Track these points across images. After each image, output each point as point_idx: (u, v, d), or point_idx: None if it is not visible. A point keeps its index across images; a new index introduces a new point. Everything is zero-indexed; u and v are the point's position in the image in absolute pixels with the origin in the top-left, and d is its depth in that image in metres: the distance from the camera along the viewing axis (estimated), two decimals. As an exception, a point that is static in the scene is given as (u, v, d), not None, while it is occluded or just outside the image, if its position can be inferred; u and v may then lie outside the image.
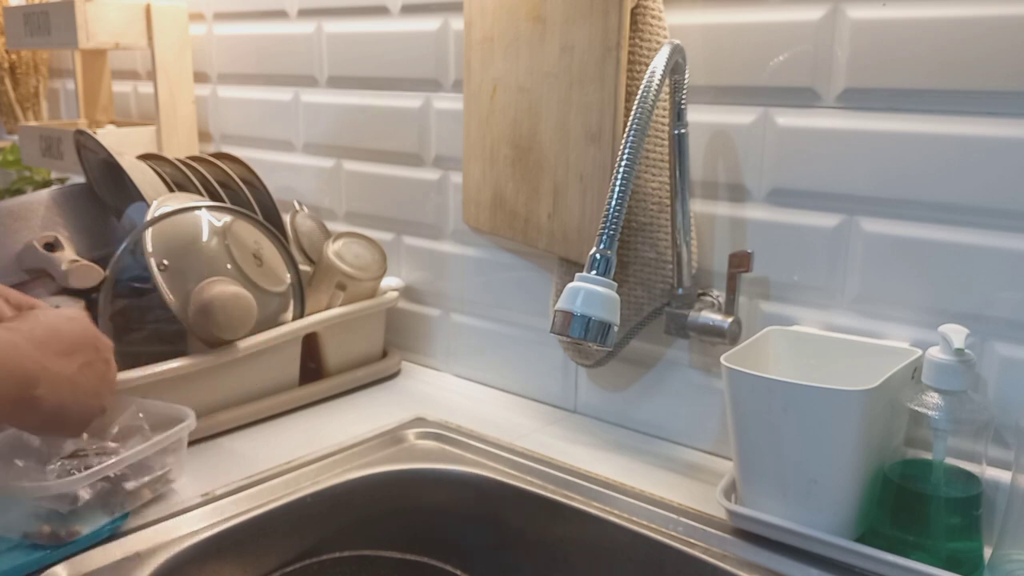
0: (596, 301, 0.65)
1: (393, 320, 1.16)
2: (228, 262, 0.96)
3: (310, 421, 0.99)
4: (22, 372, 0.67)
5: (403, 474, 0.86)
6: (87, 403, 0.74)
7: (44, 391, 0.68)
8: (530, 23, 0.90)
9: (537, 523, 0.82)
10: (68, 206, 1.11)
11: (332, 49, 1.18)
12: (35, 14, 1.30)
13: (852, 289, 0.80)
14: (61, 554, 0.70)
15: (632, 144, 0.68)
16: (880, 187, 0.77)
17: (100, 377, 0.75)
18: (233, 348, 0.94)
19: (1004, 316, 0.72)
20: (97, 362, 0.76)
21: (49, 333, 0.71)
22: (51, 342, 0.71)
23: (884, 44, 0.75)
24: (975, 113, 0.71)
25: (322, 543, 0.82)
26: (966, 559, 0.68)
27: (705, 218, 0.87)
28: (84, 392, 0.73)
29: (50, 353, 0.70)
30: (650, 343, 0.93)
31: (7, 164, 1.60)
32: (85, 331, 0.76)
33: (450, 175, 1.09)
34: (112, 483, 0.75)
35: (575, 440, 0.94)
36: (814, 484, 0.70)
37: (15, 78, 1.62)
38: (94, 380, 0.74)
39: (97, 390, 0.75)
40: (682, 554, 0.73)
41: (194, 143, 1.36)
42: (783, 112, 0.81)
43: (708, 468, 0.87)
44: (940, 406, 0.68)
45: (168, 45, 1.31)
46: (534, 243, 0.94)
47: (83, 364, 0.73)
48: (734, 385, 0.73)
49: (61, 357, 0.71)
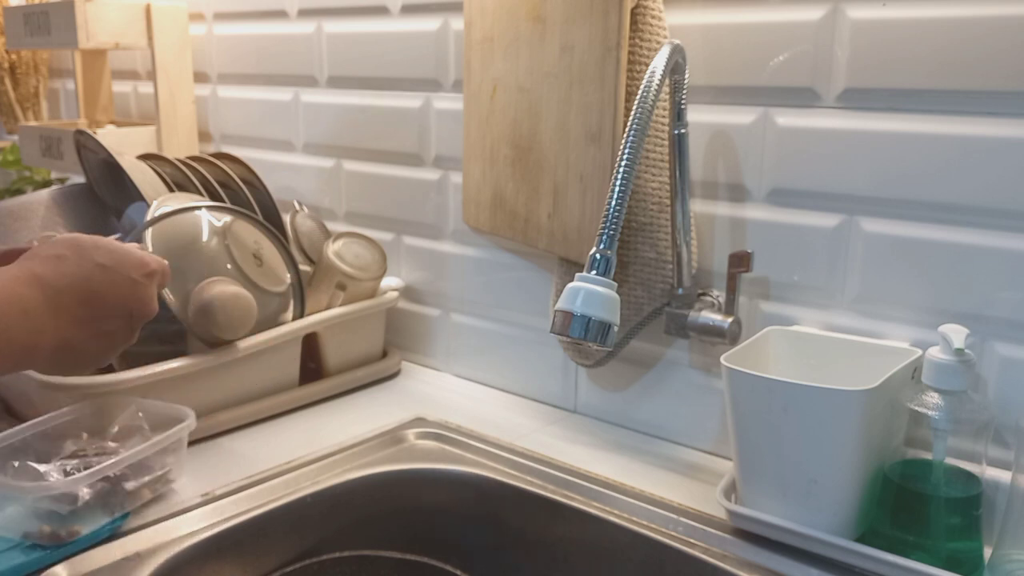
0: (596, 301, 0.65)
1: (393, 320, 1.16)
2: (228, 262, 0.96)
3: (310, 421, 0.99)
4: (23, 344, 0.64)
5: (403, 474, 0.86)
6: (81, 364, 0.71)
7: (43, 357, 0.66)
8: (530, 23, 0.90)
9: (537, 523, 0.82)
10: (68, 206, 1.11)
11: (332, 49, 1.18)
12: (35, 14, 1.30)
13: (852, 289, 0.80)
14: (61, 554, 0.70)
15: (632, 144, 0.68)
16: (880, 187, 0.77)
17: (111, 344, 0.71)
18: (233, 348, 0.94)
19: (1004, 316, 0.72)
20: (122, 330, 0.71)
21: (83, 296, 0.67)
22: (77, 307, 0.67)
23: (884, 44, 0.75)
24: (975, 113, 0.71)
25: (322, 543, 0.82)
26: (966, 559, 0.68)
27: (705, 218, 0.87)
28: (82, 355, 0.70)
29: (69, 318, 0.66)
30: (650, 343, 0.93)
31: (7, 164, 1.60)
32: (129, 299, 0.71)
33: (450, 175, 1.09)
34: (112, 483, 0.75)
35: (575, 440, 0.94)
36: (814, 484, 0.70)
37: (15, 78, 1.62)
38: (103, 345, 0.71)
39: (101, 354, 0.71)
40: (682, 554, 0.73)
41: (194, 143, 1.36)
42: (783, 112, 0.81)
43: (708, 468, 0.87)
44: (940, 406, 0.68)
45: (168, 45, 1.31)
46: (534, 243, 0.94)
47: (103, 332, 0.70)
48: (734, 385, 0.73)
49: (81, 323, 0.67)
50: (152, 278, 0.73)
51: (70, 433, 0.81)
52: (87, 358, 0.71)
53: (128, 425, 0.82)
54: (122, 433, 0.82)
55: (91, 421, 0.83)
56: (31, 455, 0.77)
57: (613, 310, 0.66)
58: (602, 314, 0.65)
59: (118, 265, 0.70)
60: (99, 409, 0.84)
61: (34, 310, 0.65)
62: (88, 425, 0.83)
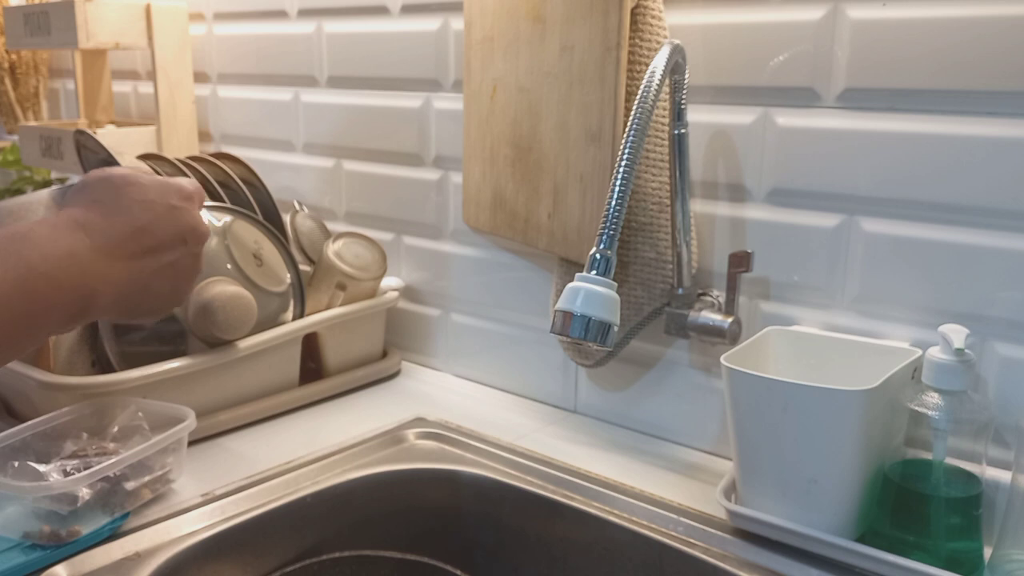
0: (596, 301, 0.65)
1: (393, 320, 1.16)
2: (228, 262, 0.96)
3: (310, 421, 0.99)
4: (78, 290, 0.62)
5: (403, 474, 0.86)
6: (158, 305, 0.70)
7: (106, 302, 0.64)
8: (530, 23, 0.90)
9: (537, 523, 0.82)
10: (68, 206, 1.10)
11: (332, 49, 1.18)
12: (35, 14, 1.30)
13: (852, 289, 0.80)
14: (61, 554, 0.70)
15: (632, 144, 0.68)
16: (880, 187, 0.77)
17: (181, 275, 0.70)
18: (233, 348, 0.94)
19: (1004, 316, 0.72)
20: (184, 258, 0.70)
21: (130, 232, 0.65)
22: (127, 243, 0.65)
23: (884, 44, 0.75)
24: (975, 113, 0.71)
25: (322, 543, 0.82)
26: (966, 559, 0.68)
27: (705, 218, 0.87)
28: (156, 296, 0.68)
29: (123, 257, 0.64)
30: (650, 343, 0.93)
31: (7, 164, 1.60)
32: (178, 226, 0.69)
33: (450, 175, 1.09)
34: (112, 483, 0.75)
35: (575, 440, 0.94)
36: (814, 484, 0.70)
37: (15, 78, 1.62)
38: (172, 280, 0.69)
39: (175, 289, 0.70)
40: (682, 554, 0.73)
41: (194, 143, 1.36)
42: (783, 112, 0.81)
43: (708, 468, 0.87)
44: (940, 406, 0.68)
45: (168, 45, 1.31)
46: (534, 243, 0.94)
47: (165, 265, 0.68)
48: (734, 385, 0.73)
49: (136, 259, 0.65)
50: (192, 201, 0.71)
51: (70, 433, 0.81)
52: (160, 297, 0.69)
53: (128, 425, 0.82)
54: (122, 433, 0.82)
55: (91, 421, 0.83)
56: (31, 455, 0.77)
57: (613, 310, 0.66)
58: (602, 314, 0.65)
59: (156, 196, 0.68)
60: (99, 409, 0.84)
61: (82, 252, 0.62)
62: (88, 425, 0.83)
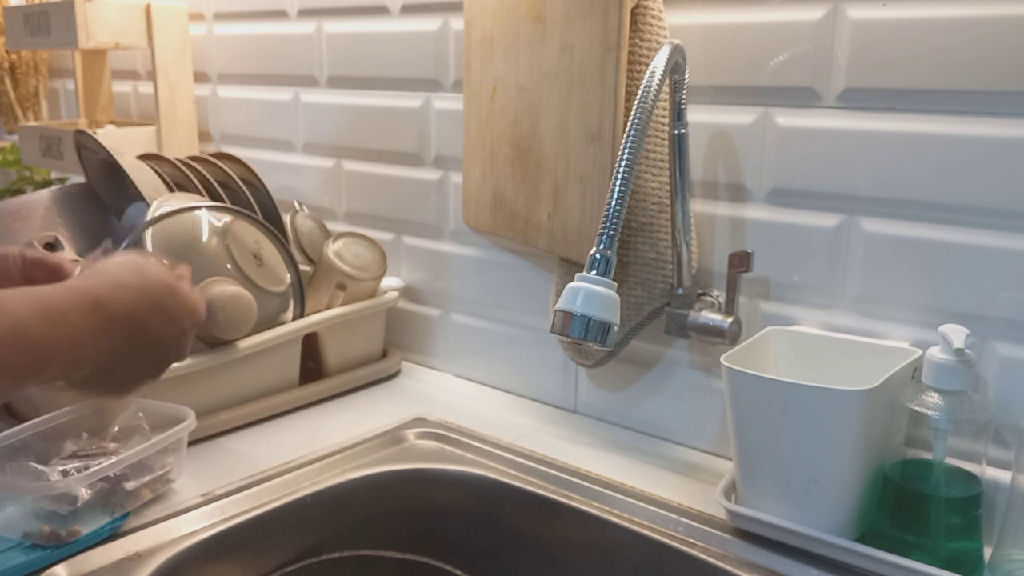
0: (596, 301, 0.65)
1: (393, 320, 1.16)
2: (228, 262, 0.96)
3: (310, 421, 0.99)
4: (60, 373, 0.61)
5: (403, 474, 0.86)
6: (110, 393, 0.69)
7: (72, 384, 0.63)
8: (530, 23, 0.90)
9: (537, 523, 0.82)
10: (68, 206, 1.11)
11: (332, 49, 1.18)
12: (35, 14, 1.30)
13: (852, 289, 0.80)
14: (61, 554, 0.70)
15: (632, 144, 0.68)
16: (880, 187, 0.77)
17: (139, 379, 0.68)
18: (233, 348, 0.94)
19: (1004, 316, 0.72)
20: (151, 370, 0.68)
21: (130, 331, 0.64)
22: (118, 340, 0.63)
23: (884, 44, 0.75)
24: (975, 113, 0.71)
25: (322, 543, 0.82)
26: (966, 559, 0.68)
27: (705, 218, 0.87)
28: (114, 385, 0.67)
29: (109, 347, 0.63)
30: (650, 343, 0.93)
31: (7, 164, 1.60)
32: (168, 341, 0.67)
33: (450, 175, 1.09)
34: (112, 483, 0.75)
35: (575, 440, 0.94)
36: (814, 484, 0.70)
37: (15, 78, 1.62)
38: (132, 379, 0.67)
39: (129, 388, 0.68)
40: (682, 554, 0.73)
41: (194, 143, 1.36)
42: (783, 112, 0.81)
43: (708, 468, 0.87)
44: (940, 406, 0.68)
45: (168, 45, 1.31)
46: (534, 243, 0.94)
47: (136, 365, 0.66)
48: (734, 385, 0.73)
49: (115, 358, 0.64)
50: (197, 326, 0.71)
51: (70, 433, 0.81)
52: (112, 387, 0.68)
53: (128, 425, 0.82)
54: (122, 433, 0.82)
55: (91, 421, 0.83)
56: (31, 455, 0.77)
57: (613, 310, 0.66)
58: (602, 314, 0.65)
59: (175, 311, 0.67)
60: (99, 409, 0.84)
61: (84, 341, 0.61)
62: (88, 425, 0.83)
